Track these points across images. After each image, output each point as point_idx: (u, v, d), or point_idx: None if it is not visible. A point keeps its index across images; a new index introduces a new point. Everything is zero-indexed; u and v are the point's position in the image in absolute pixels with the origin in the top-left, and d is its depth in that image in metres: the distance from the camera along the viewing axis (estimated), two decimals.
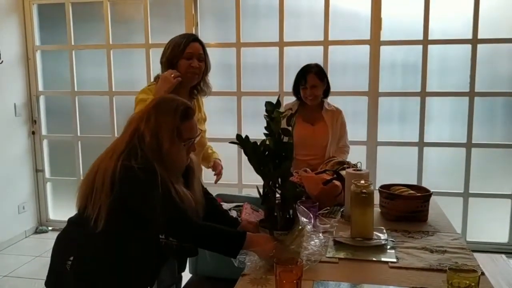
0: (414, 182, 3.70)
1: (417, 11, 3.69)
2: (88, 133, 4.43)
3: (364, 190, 1.75)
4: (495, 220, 3.91)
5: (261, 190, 1.57)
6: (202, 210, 1.71)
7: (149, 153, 1.51)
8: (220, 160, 2.64)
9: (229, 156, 3.97)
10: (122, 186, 1.48)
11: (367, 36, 3.77)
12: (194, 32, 3.89)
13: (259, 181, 1.54)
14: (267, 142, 1.52)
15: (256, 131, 1.59)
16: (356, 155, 2.98)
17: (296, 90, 2.91)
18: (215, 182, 2.60)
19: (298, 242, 1.52)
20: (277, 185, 1.52)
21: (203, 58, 2.32)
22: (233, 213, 2.42)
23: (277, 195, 1.54)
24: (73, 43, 4.27)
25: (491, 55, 3.75)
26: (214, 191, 2.61)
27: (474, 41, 3.65)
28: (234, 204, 2.50)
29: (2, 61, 3.99)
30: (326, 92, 2.92)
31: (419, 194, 2.11)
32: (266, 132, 1.53)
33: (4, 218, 4.12)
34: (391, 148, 3.94)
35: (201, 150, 2.47)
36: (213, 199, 1.97)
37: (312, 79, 2.80)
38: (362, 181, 1.79)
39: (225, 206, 2.49)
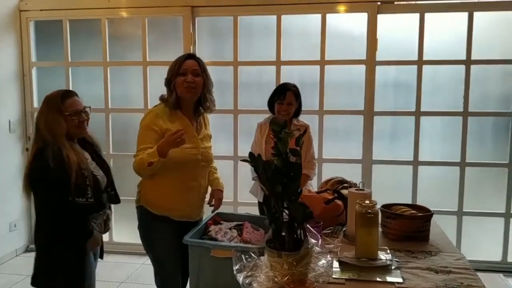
0: (408, 200, 3.73)
1: (411, 32, 3.76)
2: None
3: (369, 210, 1.76)
4: (488, 238, 3.95)
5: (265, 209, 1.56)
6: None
7: (44, 131, 2.09)
8: (222, 191, 2.63)
9: (225, 174, 3.96)
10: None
11: (363, 56, 3.82)
12: (191, 51, 3.91)
13: (253, 199, 1.54)
14: (275, 162, 1.53)
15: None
16: (351, 174, 2.99)
17: (271, 105, 3.12)
18: (212, 212, 2.60)
19: (306, 263, 1.52)
20: (284, 205, 1.53)
21: (199, 73, 2.34)
22: (234, 232, 2.41)
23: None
24: (69, 60, 4.26)
25: (481, 75, 3.81)
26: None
27: (468, 62, 3.72)
28: (235, 223, 2.49)
29: None
30: (298, 111, 3.15)
31: (421, 214, 2.13)
32: (273, 152, 1.53)
33: None
34: (385, 166, 3.97)
35: (207, 165, 2.50)
36: None
37: (290, 97, 3.06)
38: (367, 201, 1.80)
39: (225, 225, 2.48)
